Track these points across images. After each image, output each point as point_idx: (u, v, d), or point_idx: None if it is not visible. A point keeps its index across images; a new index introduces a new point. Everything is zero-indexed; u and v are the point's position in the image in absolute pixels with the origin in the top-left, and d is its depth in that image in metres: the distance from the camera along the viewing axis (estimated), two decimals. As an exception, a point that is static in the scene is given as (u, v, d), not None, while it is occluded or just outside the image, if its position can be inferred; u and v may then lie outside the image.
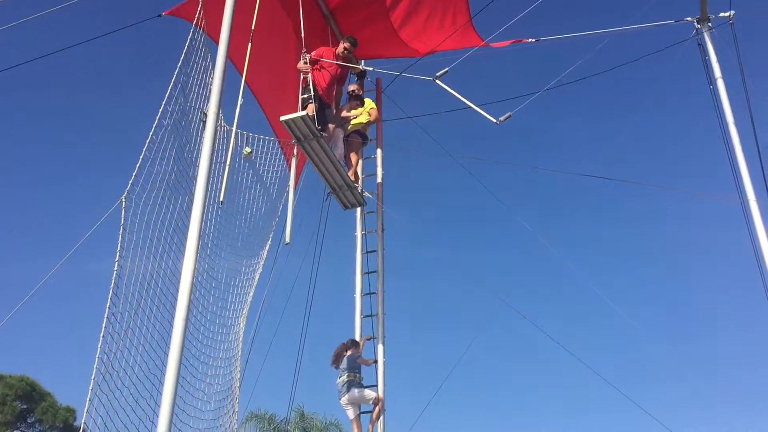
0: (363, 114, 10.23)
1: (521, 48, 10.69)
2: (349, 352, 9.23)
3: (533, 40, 10.54)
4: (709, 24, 10.15)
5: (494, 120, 8.94)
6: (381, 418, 9.06)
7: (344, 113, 10.10)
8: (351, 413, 9.04)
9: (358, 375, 9.12)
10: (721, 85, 9.93)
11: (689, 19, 10.29)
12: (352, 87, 10.39)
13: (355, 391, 8.98)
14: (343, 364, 9.15)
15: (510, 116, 8.86)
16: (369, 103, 10.41)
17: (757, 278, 9.02)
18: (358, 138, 10.21)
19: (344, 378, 9.05)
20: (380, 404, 9.03)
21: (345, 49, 9.84)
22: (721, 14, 10.09)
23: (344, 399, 9.01)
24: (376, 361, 9.40)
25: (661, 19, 10.42)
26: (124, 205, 7.29)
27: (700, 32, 10.18)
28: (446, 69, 9.20)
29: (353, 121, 10.12)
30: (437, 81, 9.10)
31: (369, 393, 9.05)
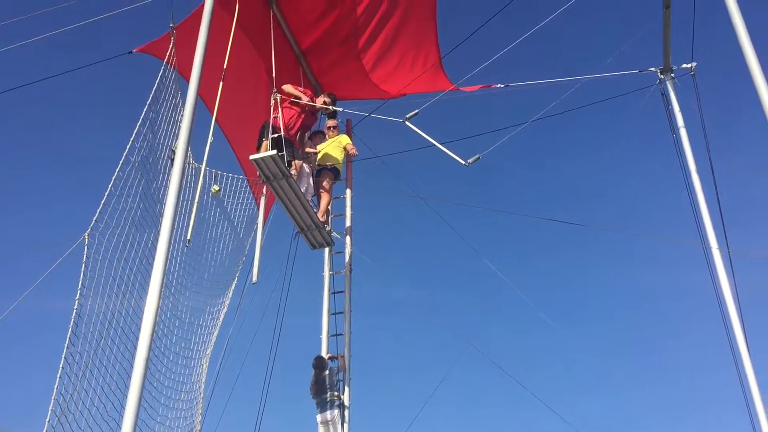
0: (336, 149, 10.24)
1: (490, 93, 10.86)
2: (326, 372, 9.22)
3: (502, 86, 10.71)
4: (672, 75, 10.45)
5: (463, 162, 9.05)
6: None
7: (308, 149, 10.12)
8: (322, 430, 9.00)
9: (337, 394, 9.11)
10: (683, 134, 10.19)
11: (653, 69, 10.58)
12: (330, 123, 10.45)
13: (335, 413, 8.95)
14: (325, 385, 9.11)
15: (479, 158, 8.96)
16: (345, 138, 10.43)
17: (719, 322, 9.14)
18: (330, 174, 10.19)
19: (327, 396, 9.05)
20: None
21: (324, 103, 9.93)
22: (684, 65, 10.39)
23: (324, 416, 8.97)
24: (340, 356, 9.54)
25: (627, 69, 10.70)
26: (87, 242, 7.15)
27: (663, 82, 10.47)
28: (416, 111, 9.33)
29: (322, 156, 10.13)
30: (407, 123, 9.22)
31: (339, 425, 8.97)
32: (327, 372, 9.24)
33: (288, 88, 9.54)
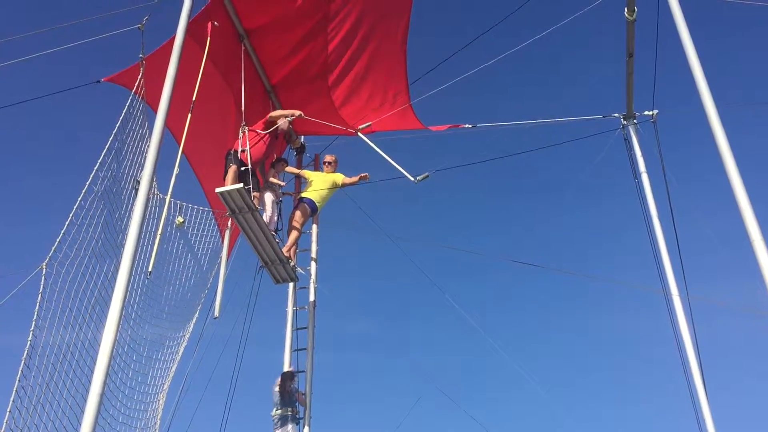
0: (328, 184, 10.24)
1: (458, 132, 11.02)
2: (294, 385, 9.44)
3: (470, 126, 10.88)
4: (635, 121, 10.72)
5: (412, 179, 9.57)
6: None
7: (272, 179, 10.12)
8: None
9: (294, 410, 9.25)
10: (645, 179, 10.42)
11: (616, 115, 10.86)
12: (328, 159, 10.54)
13: (290, 427, 9.10)
14: (285, 399, 9.26)
15: (427, 176, 9.63)
16: (340, 177, 10.44)
17: (678, 369, 9.23)
18: (308, 211, 10.17)
19: (280, 412, 9.16)
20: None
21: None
22: (646, 112, 10.67)
23: (285, 429, 9.09)
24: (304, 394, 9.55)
25: (590, 113, 10.96)
26: (44, 272, 6.98)
27: (626, 128, 10.73)
28: (369, 123, 9.70)
29: (313, 189, 10.15)
30: (359, 134, 9.96)
31: None
32: (295, 385, 9.41)
33: (275, 112, 9.78)
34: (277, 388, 9.38)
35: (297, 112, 9.83)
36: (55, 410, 6.69)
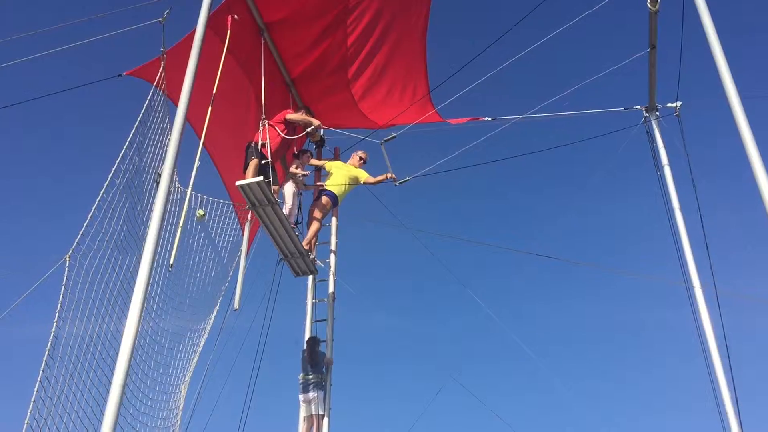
0: (350, 178, 10.25)
1: (478, 125, 10.94)
2: (320, 348, 9.59)
3: (489, 119, 10.80)
4: (657, 113, 10.58)
5: (396, 182, 10.06)
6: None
7: (293, 169, 10.16)
8: (304, 411, 9.27)
9: (318, 376, 9.37)
10: (668, 172, 10.29)
11: (638, 107, 10.72)
12: (362, 154, 10.54)
13: (318, 394, 9.24)
14: (310, 365, 9.42)
15: (408, 180, 10.04)
16: (363, 174, 10.42)
17: (701, 362, 9.14)
18: (330, 203, 10.19)
19: (312, 378, 9.31)
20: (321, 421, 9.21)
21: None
22: (669, 104, 10.52)
23: (310, 396, 9.24)
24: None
25: (613, 106, 10.84)
26: (68, 264, 7.06)
27: (648, 120, 10.59)
28: (393, 135, 9.68)
29: (335, 179, 10.16)
30: (382, 146, 9.87)
31: (320, 405, 9.23)
32: (321, 350, 9.56)
33: (294, 116, 9.77)
34: (304, 354, 9.56)
35: (316, 122, 9.92)
36: (78, 400, 6.78)
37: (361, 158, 10.55)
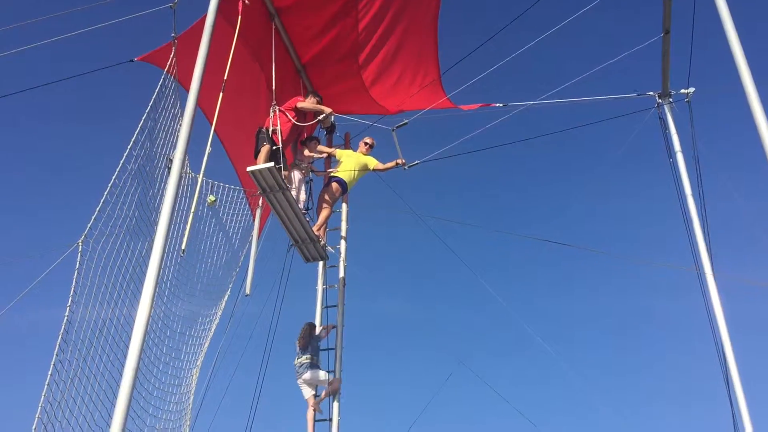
0: (360, 164, 10.23)
1: (491, 111, 10.88)
2: (317, 334, 9.83)
3: (501, 105, 10.74)
4: (670, 99, 10.49)
5: (405, 167, 10.05)
6: (337, 399, 9.38)
7: (307, 153, 10.18)
8: (307, 393, 9.50)
9: (315, 358, 9.61)
10: (680, 158, 10.22)
11: (651, 93, 10.63)
12: (368, 140, 10.51)
13: (313, 372, 9.47)
14: (308, 348, 9.63)
15: (417, 164, 10.06)
16: (372, 161, 10.36)
17: (712, 349, 9.12)
18: (339, 189, 10.20)
19: (304, 359, 9.52)
20: (334, 384, 9.43)
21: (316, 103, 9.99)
22: (682, 91, 10.43)
23: (304, 377, 9.47)
24: (335, 326, 9.95)
25: (625, 92, 10.75)
26: (80, 249, 7.11)
27: (661, 107, 10.51)
28: (405, 121, 9.65)
29: (346, 166, 10.14)
30: (393, 133, 9.81)
31: (323, 374, 9.52)
32: (317, 334, 9.83)
33: (305, 103, 9.73)
34: (299, 340, 9.72)
35: (327, 110, 9.89)
36: (91, 384, 6.84)
37: (366, 143, 10.53)
